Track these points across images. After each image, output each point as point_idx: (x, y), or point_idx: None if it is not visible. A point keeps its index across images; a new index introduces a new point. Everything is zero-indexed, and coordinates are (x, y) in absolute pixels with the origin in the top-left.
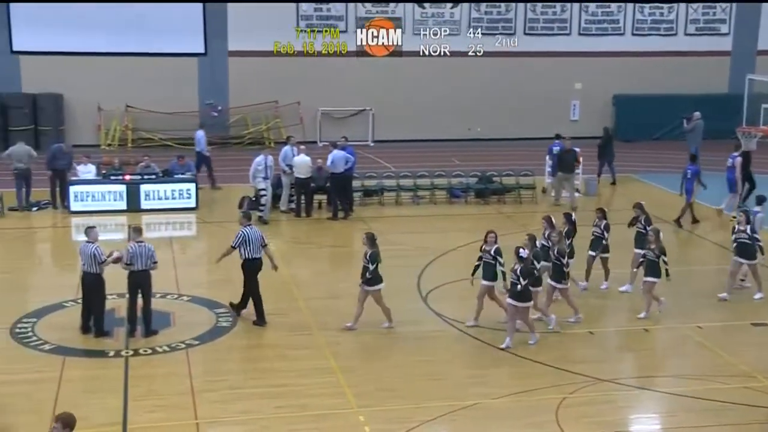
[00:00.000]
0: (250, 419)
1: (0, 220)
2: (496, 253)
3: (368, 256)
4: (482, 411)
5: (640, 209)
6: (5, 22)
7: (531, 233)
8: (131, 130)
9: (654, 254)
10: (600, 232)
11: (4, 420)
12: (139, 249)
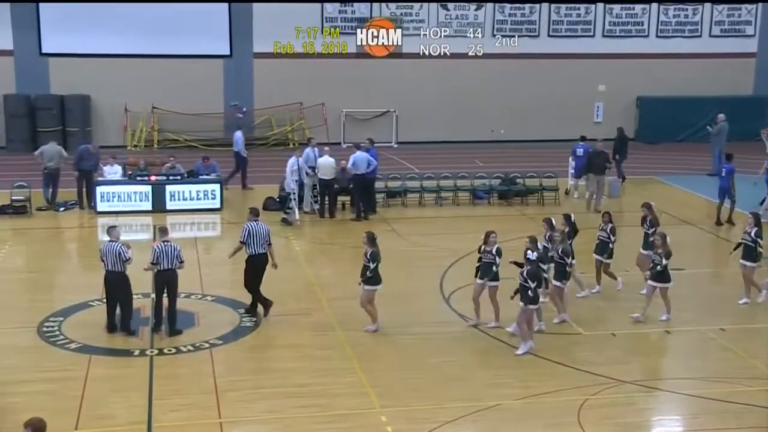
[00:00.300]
0: (273, 418)
1: (28, 220)
2: (497, 253)
3: (368, 255)
4: (504, 412)
5: (648, 209)
6: (35, 25)
7: (532, 235)
8: (157, 131)
9: (659, 258)
10: (606, 236)
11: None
12: (165, 248)
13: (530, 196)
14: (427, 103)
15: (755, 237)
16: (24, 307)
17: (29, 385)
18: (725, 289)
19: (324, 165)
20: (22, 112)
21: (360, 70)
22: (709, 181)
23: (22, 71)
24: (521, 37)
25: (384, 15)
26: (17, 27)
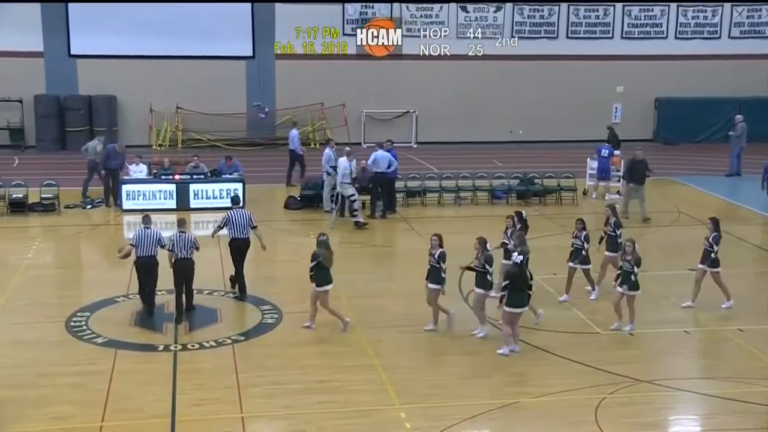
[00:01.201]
0: (294, 414)
1: (56, 217)
2: (440, 257)
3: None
4: (521, 410)
5: (612, 210)
6: (64, 28)
7: (482, 236)
8: (181, 131)
9: (629, 265)
10: (580, 243)
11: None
12: (180, 238)
13: (548, 196)
14: (447, 104)
15: (712, 242)
16: (53, 302)
17: (58, 377)
18: (743, 290)
19: (344, 165)
20: (52, 112)
21: (380, 71)
22: (727, 182)
23: (52, 72)
24: (540, 38)
25: (404, 17)
26: (47, 29)
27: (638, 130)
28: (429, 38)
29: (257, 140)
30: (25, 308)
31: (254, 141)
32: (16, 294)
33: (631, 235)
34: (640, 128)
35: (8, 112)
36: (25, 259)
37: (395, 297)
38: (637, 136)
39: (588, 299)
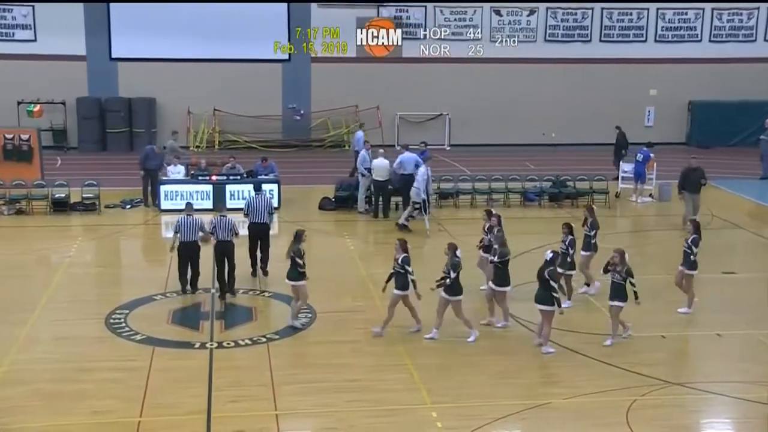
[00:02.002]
0: (327, 412)
1: (97, 216)
2: (404, 262)
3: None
4: (553, 411)
5: (589, 212)
6: (105, 32)
7: (452, 242)
8: (218, 133)
9: (620, 277)
10: (565, 248)
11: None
12: (221, 221)
13: (580, 199)
14: (480, 107)
15: (691, 244)
16: (93, 299)
17: (98, 373)
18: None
19: (379, 167)
20: (93, 114)
21: (414, 74)
22: (760, 185)
23: (94, 75)
24: (573, 42)
25: (438, 21)
26: (90, 34)
27: (671, 133)
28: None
29: (292, 142)
30: (67, 305)
31: (289, 143)
32: (58, 291)
33: (662, 238)
34: (674, 132)
35: (52, 114)
36: (66, 257)
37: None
38: (670, 140)
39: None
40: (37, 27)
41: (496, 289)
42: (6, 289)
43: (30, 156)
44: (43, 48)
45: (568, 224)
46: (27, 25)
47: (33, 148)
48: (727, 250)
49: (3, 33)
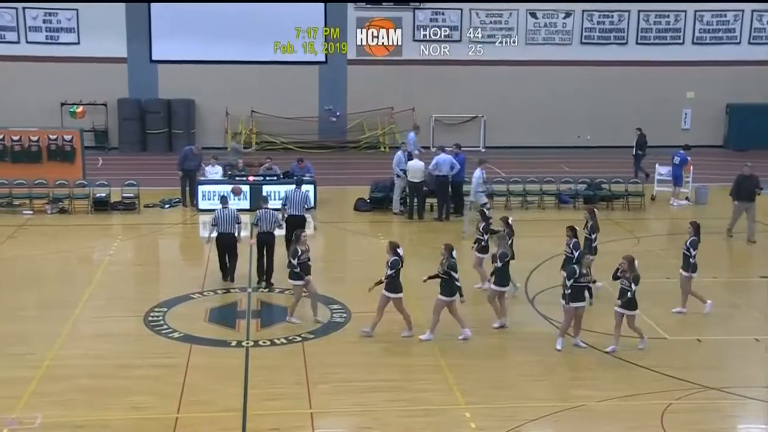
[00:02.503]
0: (361, 411)
1: (136, 216)
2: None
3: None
4: (586, 413)
5: (590, 214)
6: (146, 34)
7: (448, 243)
8: (255, 134)
9: (627, 283)
10: (570, 252)
11: (138, 399)
12: (265, 214)
13: (615, 201)
14: (515, 109)
15: (689, 246)
16: (132, 297)
17: (136, 370)
18: None
19: (413, 168)
20: (134, 115)
21: (450, 76)
22: None
23: (134, 77)
24: (609, 45)
25: (474, 23)
26: (131, 37)
27: (709, 136)
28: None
29: (329, 143)
30: (107, 303)
31: (325, 144)
32: (99, 289)
33: (707, 245)
34: (711, 134)
35: (94, 115)
36: (107, 255)
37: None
38: (707, 142)
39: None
40: (81, 30)
41: (496, 289)
42: (49, 286)
43: (72, 156)
44: (86, 51)
45: (572, 227)
46: (71, 28)
47: (75, 149)
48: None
49: (48, 36)
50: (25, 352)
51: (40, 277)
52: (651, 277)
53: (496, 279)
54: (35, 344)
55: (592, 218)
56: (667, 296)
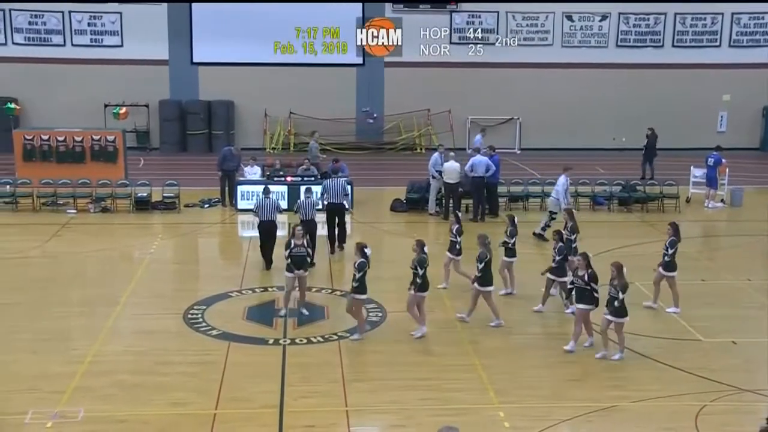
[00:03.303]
0: (396, 409)
1: (176, 215)
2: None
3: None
4: (620, 413)
5: (569, 215)
6: (188, 37)
7: (419, 238)
8: (293, 135)
9: (615, 291)
10: (555, 255)
11: (177, 396)
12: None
13: (650, 203)
14: (551, 111)
15: (668, 246)
16: (172, 295)
17: (176, 366)
18: None
19: (449, 169)
20: (174, 116)
21: (486, 78)
22: None
23: (176, 79)
24: (645, 47)
25: (510, 26)
26: (173, 39)
27: (745, 138)
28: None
29: (365, 144)
30: (148, 300)
31: (362, 145)
32: (140, 286)
33: (734, 244)
34: (747, 137)
35: (136, 116)
36: (148, 253)
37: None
38: (743, 145)
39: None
40: (124, 33)
41: (480, 289)
42: (92, 283)
43: (115, 156)
44: (129, 53)
45: (559, 231)
46: (115, 31)
47: (118, 149)
48: None
49: (93, 39)
50: (69, 347)
51: (83, 274)
52: (685, 279)
53: (480, 280)
54: (78, 340)
55: (571, 219)
56: (702, 298)
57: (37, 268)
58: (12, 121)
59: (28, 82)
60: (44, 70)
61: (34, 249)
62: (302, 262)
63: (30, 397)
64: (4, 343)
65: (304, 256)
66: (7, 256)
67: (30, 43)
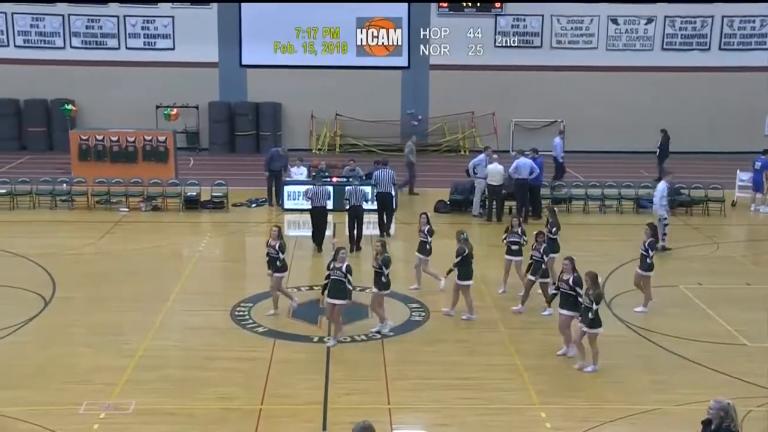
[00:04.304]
0: (438, 408)
1: (224, 214)
2: (347, 270)
3: (277, 247)
4: (662, 416)
5: (550, 212)
6: (236, 40)
7: (382, 239)
8: (339, 137)
9: (588, 300)
10: (539, 256)
11: (224, 391)
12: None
13: (695, 207)
14: (594, 114)
15: (648, 247)
16: (220, 292)
17: (223, 362)
18: None
19: (493, 171)
20: (223, 117)
21: (530, 81)
22: None
23: (225, 81)
24: (691, 50)
25: (555, 30)
26: (222, 42)
27: None
28: (581, 50)
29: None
30: (196, 297)
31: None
32: (189, 283)
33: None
34: None
35: (186, 117)
36: (197, 251)
37: (537, 299)
38: None
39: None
40: (176, 36)
41: (460, 283)
42: (143, 279)
43: (166, 156)
44: (180, 56)
45: (542, 232)
46: (167, 34)
47: (169, 149)
48: None
49: (146, 42)
50: (121, 341)
51: (134, 270)
52: (730, 283)
53: (459, 274)
54: (130, 334)
55: (552, 216)
56: (747, 302)
57: (91, 264)
58: (69, 122)
59: (84, 84)
60: (99, 72)
61: (89, 246)
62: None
63: (84, 389)
64: (60, 336)
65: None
66: (64, 252)
67: (86, 46)
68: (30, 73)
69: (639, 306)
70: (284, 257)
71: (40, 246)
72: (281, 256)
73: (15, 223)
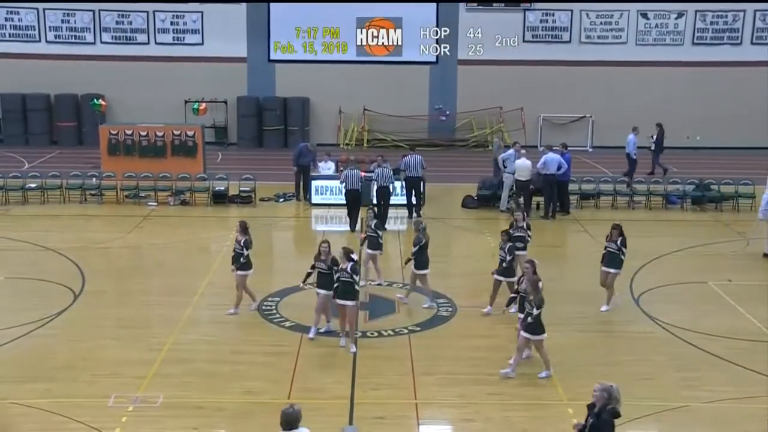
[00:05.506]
0: (465, 403)
1: (252, 209)
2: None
3: (242, 243)
4: (691, 414)
5: (518, 207)
6: (265, 35)
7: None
8: (367, 132)
9: (530, 306)
10: (503, 255)
11: (251, 384)
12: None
13: (725, 203)
14: (624, 109)
15: (620, 245)
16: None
17: (250, 356)
18: None
19: (521, 167)
20: (251, 112)
21: (559, 76)
22: None
23: (253, 76)
24: (722, 45)
25: (584, 25)
26: (251, 37)
27: None
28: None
29: (437, 141)
30: (224, 291)
31: (435, 142)
32: (216, 278)
33: None
34: None
35: (214, 112)
36: (224, 246)
37: (565, 295)
38: None
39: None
40: (205, 31)
41: (417, 272)
42: (171, 273)
43: (194, 151)
44: (209, 51)
45: (507, 231)
46: (196, 30)
47: (197, 144)
48: None
49: (175, 37)
50: (149, 335)
51: (163, 264)
52: (762, 280)
53: (415, 263)
54: (158, 328)
55: (521, 210)
56: None
57: (120, 258)
58: (98, 117)
59: (114, 79)
60: (129, 67)
61: (118, 239)
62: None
63: (113, 382)
64: (89, 329)
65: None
66: (93, 246)
67: (116, 42)
68: (61, 69)
69: (603, 305)
70: (249, 254)
71: (70, 240)
72: (245, 253)
73: (45, 216)
